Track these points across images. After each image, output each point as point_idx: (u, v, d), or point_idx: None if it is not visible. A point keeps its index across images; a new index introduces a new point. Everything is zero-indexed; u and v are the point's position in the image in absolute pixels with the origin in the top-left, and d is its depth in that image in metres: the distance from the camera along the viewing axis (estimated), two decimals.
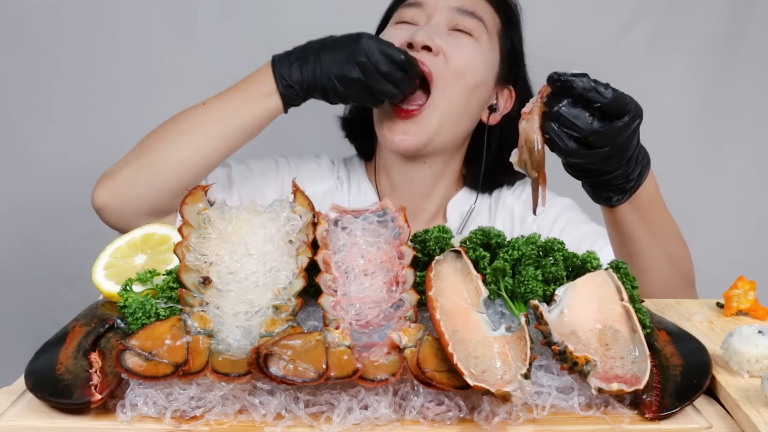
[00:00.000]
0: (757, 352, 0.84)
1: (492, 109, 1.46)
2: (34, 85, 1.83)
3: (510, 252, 0.92)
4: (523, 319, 0.81)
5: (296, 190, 0.95)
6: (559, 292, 0.87)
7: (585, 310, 0.85)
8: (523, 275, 0.89)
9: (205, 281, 0.85)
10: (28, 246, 1.90)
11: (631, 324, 0.83)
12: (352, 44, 1.26)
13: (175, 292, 0.89)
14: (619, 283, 0.88)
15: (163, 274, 0.93)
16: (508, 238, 0.96)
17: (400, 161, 1.45)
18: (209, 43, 1.85)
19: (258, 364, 0.75)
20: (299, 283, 0.86)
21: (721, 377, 0.84)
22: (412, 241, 0.94)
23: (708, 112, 1.89)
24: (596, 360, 0.77)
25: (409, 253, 0.89)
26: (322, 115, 1.53)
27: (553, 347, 0.79)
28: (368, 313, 0.83)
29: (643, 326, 0.86)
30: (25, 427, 0.77)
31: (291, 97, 1.30)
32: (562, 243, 0.95)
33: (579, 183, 1.13)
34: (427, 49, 1.34)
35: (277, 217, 0.91)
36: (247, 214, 0.91)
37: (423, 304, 0.85)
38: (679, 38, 1.85)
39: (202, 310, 0.83)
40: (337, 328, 0.81)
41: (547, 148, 0.97)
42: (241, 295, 0.84)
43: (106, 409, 0.78)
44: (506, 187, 1.54)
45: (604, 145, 0.98)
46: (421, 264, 0.92)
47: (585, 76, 0.95)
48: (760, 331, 0.86)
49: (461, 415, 0.77)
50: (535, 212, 1.00)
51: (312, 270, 0.88)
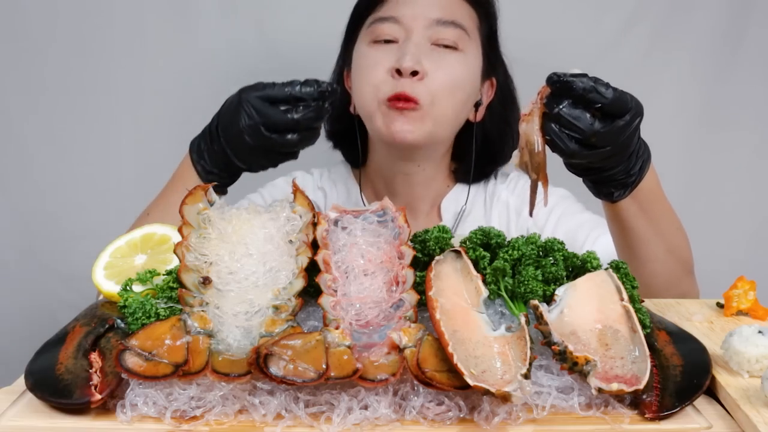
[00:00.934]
0: (757, 352, 0.84)
1: (477, 105, 1.44)
2: (34, 85, 1.83)
3: (510, 252, 0.92)
4: (523, 319, 0.81)
5: (296, 190, 0.95)
6: (559, 292, 0.87)
7: (585, 310, 0.85)
8: (523, 275, 0.89)
9: (205, 281, 0.85)
10: (28, 246, 1.90)
11: (631, 324, 0.83)
12: (235, 106, 1.15)
13: (175, 292, 0.89)
14: (619, 283, 0.88)
15: (163, 274, 0.93)
16: (505, 232, 0.96)
17: (395, 165, 1.44)
18: (209, 43, 1.84)
19: (258, 364, 0.75)
20: (299, 283, 0.86)
21: (721, 377, 0.84)
22: (412, 241, 0.94)
23: (708, 112, 1.89)
24: (596, 360, 0.77)
25: (409, 253, 0.89)
26: None
27: (553, 347, 0.79)
28: (368, 313, 0.83)
29: (643, 326, 0.86)
30: (25, 427, 0.77)
31: (221, 182, 1.20)
32: (562, 243, 0.95)
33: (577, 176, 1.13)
34: (414, 73, 1.30)
35: (277, 217, 0.91)
36: (247, 214, 0.91)
37: (423, 304, 0.85)
38: (679, 38, 1.85)
39: (202, 310, 0.83)
40: (337, 328, 0.81)
41: (548, 149, 0.97)
42: (241, 295, 0.84)
43: (106, 409, 0.78)
44: (500, 181, 1.53)
45: (605, 145, 0.98)
46: (421, 264, 0.92)
47: (585, 76, 0.95)
48: (760, 331, 0.86)
49: (461, 415, 0.77)
50: (531, 214, 0.99)
51: (312, 270, 0.88)
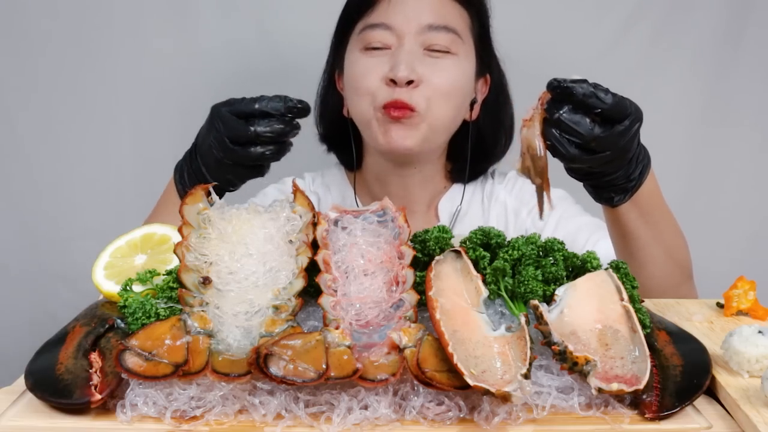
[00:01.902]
0: (757, 352, 0.84)
1: (472, 103, 1.44)
2: (34, 85, 1.83)
3: (510, 252, 0.92)
4: (523, 319, 0.81)
5: (296, 190, 0.95)
6: (559, 292, 0.87)
7: (585, 310, 0.85)
8: (523, 275, 0.89)
9: (205, 281, 0.85)
10: (28, 246, 1.90)
11: (631, 324, 0.83)
12: (207, 122, 1.14)
13: (175, 292, 0.89)
14: (619, 283, 0.88)
15: (163, 274, 0.93)
16: (503, 232, 0.96)
17: (392, 168, 1.44)
18: (209, 43, 1.84)
19: (258, 364, 0.75)
20: (299, 283, 0.86)
21: (721, 377, 0.84)
22: (412, 241, 0.94)
23: (708, 112, 1.89)
24: (596, 360, 0.77)
25: (409, 253, 0.89)
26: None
27: (553, 347, 0.79)
28: (368, 313, 0.83)
29: (643, 326, 0.86)
30: (25, 427, 0.77)
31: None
32: (562, 243, 0.95)
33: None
34: (410, 82, 1.29)
35: (277, 217, 0.91)
36: (247, 214, 0.91)
37: (423, 304, 0.85)
38: (680, 37, 1.85)
39: (202, 310, 0.83)
40: (337, 328, 0.81)
41: (549, 154, 0.97)
42: (241, 295, 0.84)
43: (106, 409, 0.78)
44: (498, 181, 1.53)
45: (605, 150, 0.98)
46: (421, 264, 0.92)
47: (585, 81, 0.95)
48: (760, 331, 0.86)
49: (461, 415, 0.77)
50: (541, 217, 0.99)
51: (312, 270, 0.88)
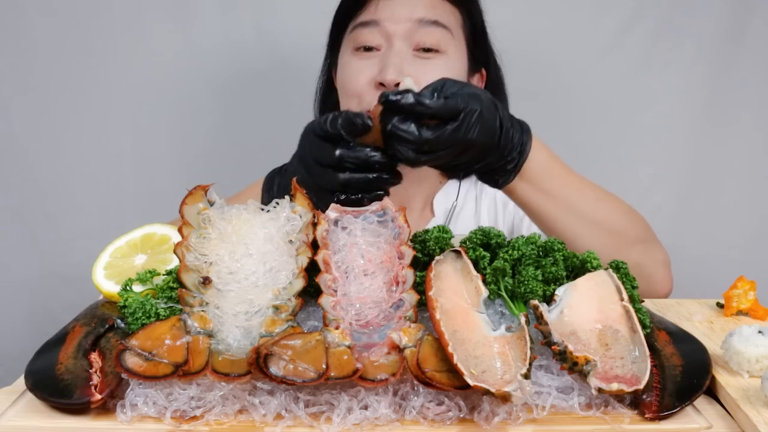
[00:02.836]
0: (757, 352, 0.84)
1: None
2: (34, 85, 1.83)
3: (510, 252, 0.92)
4: (523, 319, 0.81)
5: (296, 190, 0.95)
6: (559, 292, 0.87)
7: (585, 310, 0.85)
8: (523, 275, 0.89)
9: (205, 281, 0.85)
10: (28, 246, 1.90)
11: (631, 324, 0.83)
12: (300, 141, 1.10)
13: (175, 292, 0.89)
14: (619, 283, 0.88)
15: (163, 274, 0.93)
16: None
17: None
18: (209, 43, 1.84)
19: (258, 364, 0.75)
20: (299, 283, 0.86)
21: (721, 377, 0.84)
22: (412, 241, 0.94)
23: (709, 112, 1.89)
24: (596, 360, 0.77)
25: (409, 253, 0.89)
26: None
27: (553, 347, 0.79)
28: (368, 313, 0.83)
29: (643, 326, 0.86)
30: (25, 427, 0.77)
31: None
32: (562, 243, 0.95)
33: None
34: (398, 85, 1.28)
35: (277, 217, 0.91)
36: (247, 214, 0.91)
37: (423, 304, 0.85)
38: (680, 37, 1.85)
39: (202, 310, 0.83)
40: (337, 328, 0.81)
41: None
42: (241, 295, 0.84)
43: (106, 409, 0.78)
44: None
45: (444, 148, 0.98)
46: (421, 264, 0.92)
47: (408, 92, 0.96)
48: (760, 331, 0.86)
49: (461, 415, 0.77)
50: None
51: (312, 270, 0.88)
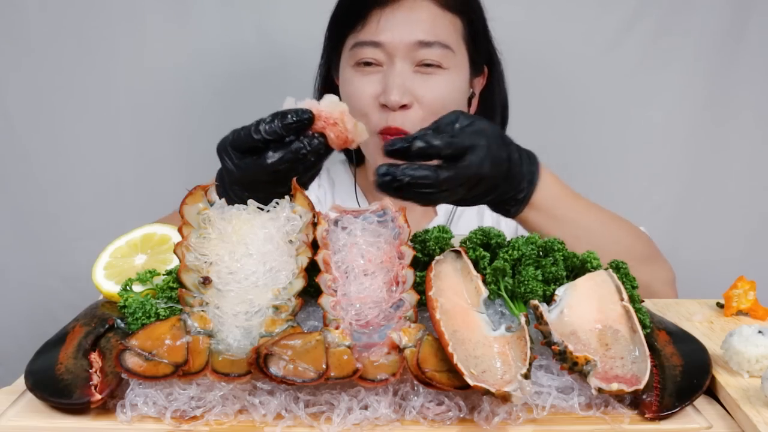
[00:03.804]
0: (757, 352, 0.84)
1: (470, 98, 1.44)
2: (34, 85, 1.83)
3: (510, 252, 0.92)
4: (523, 319, 0.81)
5: (296, 190, 0.95)
6: (559, 292, 0.87)
7: (585, 310, 0.85)
8: (523, 275, 0.89)
9: (205, 281, 0.85)
10: (28, 246, 1.90)
11: (631, 324, 0.83)
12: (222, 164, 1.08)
13: (175, 292, 0.89)
14: (619, 283, 0.88)
15: (163, 274, 0.93)
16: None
17: None
18: (209, 43, 1.84)
19: (258, 364, 0.75)
20: (299, 283, 0.86)
21: (721, 377, 0.84)
22: (412, 241, 0.94)
23: (709, 112, 1.89)
24: (596, 360, 0.77)
25: (409, 253, 0.89)
26: None
27: (553, 347, 0.79)
28: (368, 313, 0.83)
29: (643, 326, 0.86)
30: (25, 427, 0.77)
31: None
32: (562, 243, 0.95)
33: None
34: (402, 106, 1.29)
35: (277, 217, 0.91)
36: (247, 214, 0.91)
37: (423, 304, 0.85)
38: (681, 36, 1.85)
39: (202, 310, 0.83)
40: (337, 328, 0.81)
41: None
42: (241, 295, 0.84)
43: (106, 409, 0.78)
44: None
45: (460, 184, 0.99)
46: (421, 264, 0.92)
47: (416, 139, 0.97)
48: (760, 331, 0.86)
49: (461, 415, 0.77)
50: None
51: (312, 270, 0.88)
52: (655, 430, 0.76)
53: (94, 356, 0.84)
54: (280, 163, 1.00)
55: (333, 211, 0.94)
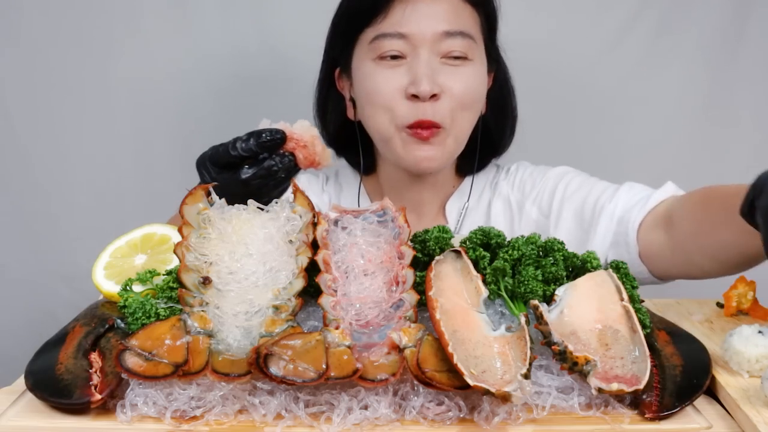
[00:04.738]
0: (757, 352, 0.84)
1: None
2: (34, 85, 1.83)
3: (510, 252, 0.92)
4: (523, 319, 0.81)
5: (296, 190, 0.95)
6: (559, 292, 0.87)
7: (585, 310, 0.85)
8: (523, 275, 0.89)
9: (205, 281, 0.85)
10: (28, 246, 1.90)
11: (631, 324, 0.83)
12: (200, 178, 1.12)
13: (175, 292, 0.89)
14: (619, 283, 0.88)
15: (163, 274, 0.93)
16: (509, 228, 0.96)
17: (408, 176, 1.41)
18: (209, 44, 1.84)
19: (258, 364, 0.75)
20: (299, 283, 0.86)
21: (721, 377, 0.84)
22: (412, 241, 0.94)
23: (708, 112, 1.89)
24: (596, 360, 0.77)
25: (409, 253, 0.89)
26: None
27: (553, 347, 0.79)
28: (368, 313, 0.83)
29: (643, 326, 0.86)
30: (25, 427, 0.77)
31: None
32: (562, 243, 0.95)
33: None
34: (433, 96, 1.27)
35: (277, 217, 0.91)
36: (247, 214, 0.91)
37: (423, 304, 0.85)
38: (680, 37, 1.85)
39: (202, 310, 0.83)
40: (337, 328, 0.81)
41: None
42: (241, 295, 0.84)
43: (106, 409, 0.78)
44: (503, 177, 1.49)
45: None
46: (421, 264, 0.92)
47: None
48: (760, 331, 0.86)
49: (461, 415, 0.77)
50: None
51: (312, 270, 0.88)
52: (655, 430, 0.76)
53: (94, 356, 0.84)
54: (253, 178, 1.06)
55: (333, 211, 0.94)
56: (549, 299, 0.88)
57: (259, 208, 0.92)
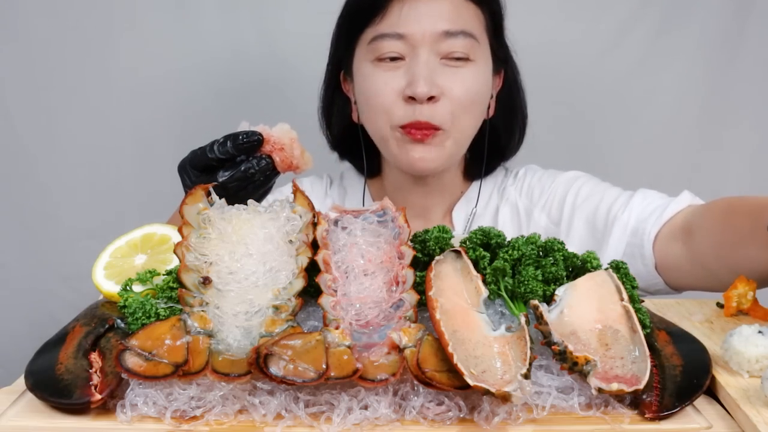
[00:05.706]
0: (757, 352, 0.84)
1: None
2: (34, 85, 1.83)
3: (510, 252, 0.92)
4: (523, 319, 0.81)
5: (296, 190, 0.95)
6: (559, 292, 0.87)
7: (585, 310, 0.85)
8: (523, 275, 0.89)
9: (205, 281, 0.85)
10: (28, 246, 1.90)
11: (631, 324, 0.83)
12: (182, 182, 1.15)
13: (175, 292, 0.89)
14: (619, 283, 0.88)
15: (163, 274, 0.93)
16: (516, 235, 0.96)
17: (412, 180, 1.40)
18: (209, 44, 1.85)
19: (258, 364, 0.75)
20: (299, 283, 0.86)
21: (721, 377, 0.84)
22: (412, 241, 0.94)
23: (708, 112, 1.89)
24: (596, 360, 0.77)
25: (409, 253, 0.89)
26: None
27: (553, 347, 0.79)
28: (368, 313, 0.83)
29: (643, 326, 0.86)
30: (25, 427, 0.77)
31: None
32: (562, 243, 0.95)
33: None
34: (430, 98, 1.24)
35: (277, 217, 0.91)
36: (247, 214, 0.91)
37: (423, 304, 0.85)
38: (680, 37, 1.85)
39: (202, 310, 0.83)
40: (337, 328, 0.81)
41: None
42: (241, 295, 0.84)
43: (106, 409, 0.78)
44: (510, 182, 1.47)
45: None
46: (421, 264, 0.92)
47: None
48: (760, 331, 0.86)
49: (461, 415, 0.77)
50: None
51: (312, 270, 0.88)
52: (655, 430, 0.76)
53: (94, 356, 0.84)
54: (230, 181, 1.08)
55: (333, 211, 0.94)
56: (549, 299, 0.88)
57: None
